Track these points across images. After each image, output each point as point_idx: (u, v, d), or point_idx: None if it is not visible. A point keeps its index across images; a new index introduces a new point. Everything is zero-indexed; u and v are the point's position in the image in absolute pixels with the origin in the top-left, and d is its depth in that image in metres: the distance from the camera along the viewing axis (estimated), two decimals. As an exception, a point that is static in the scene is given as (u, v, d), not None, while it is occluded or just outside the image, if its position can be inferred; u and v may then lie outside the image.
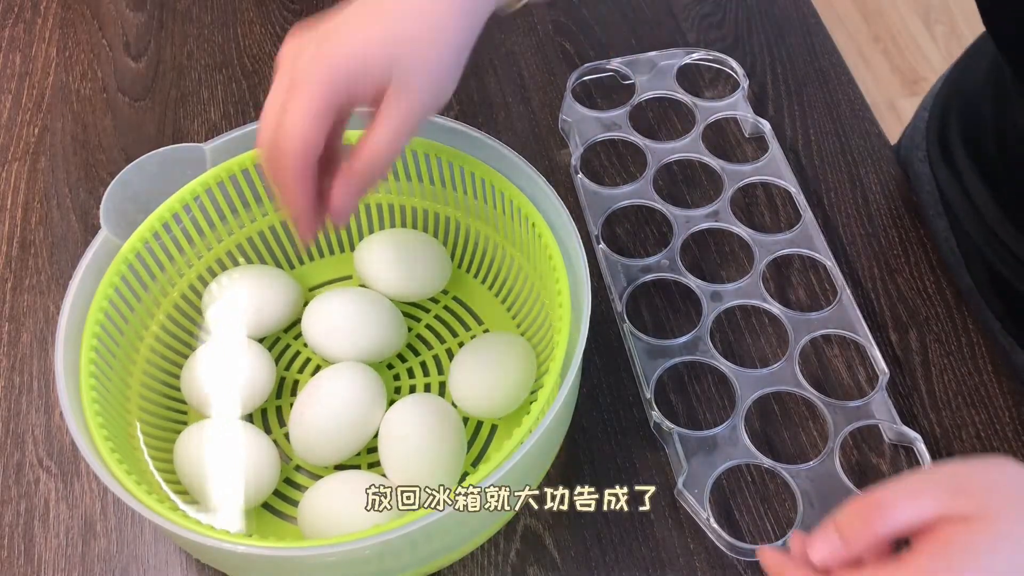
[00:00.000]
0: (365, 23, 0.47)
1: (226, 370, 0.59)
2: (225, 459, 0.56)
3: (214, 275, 0.64)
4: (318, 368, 0.63)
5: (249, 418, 0.61)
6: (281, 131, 0.46)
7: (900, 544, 0.40)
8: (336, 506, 0.54)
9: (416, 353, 0.64)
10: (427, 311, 0.66)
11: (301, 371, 0.63)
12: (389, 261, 0.64)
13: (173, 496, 0.55)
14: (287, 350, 0.64)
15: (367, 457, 0.59)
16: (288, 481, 0.59)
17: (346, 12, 0.47)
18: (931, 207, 0.72)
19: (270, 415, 0.62)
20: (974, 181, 0.64)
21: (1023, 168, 0.58)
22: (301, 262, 0.68)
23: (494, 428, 0.61)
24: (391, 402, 0.61)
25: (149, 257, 0.59)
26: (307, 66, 0.46)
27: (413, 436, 0.56)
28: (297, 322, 0.64)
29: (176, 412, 0.61)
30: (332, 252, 0.68)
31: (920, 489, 0.40)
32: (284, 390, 0.63)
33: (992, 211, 0.63)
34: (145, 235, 0.57)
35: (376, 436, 0.58)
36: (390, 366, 0.63)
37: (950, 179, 0.68)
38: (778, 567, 0.43)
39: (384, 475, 0.57)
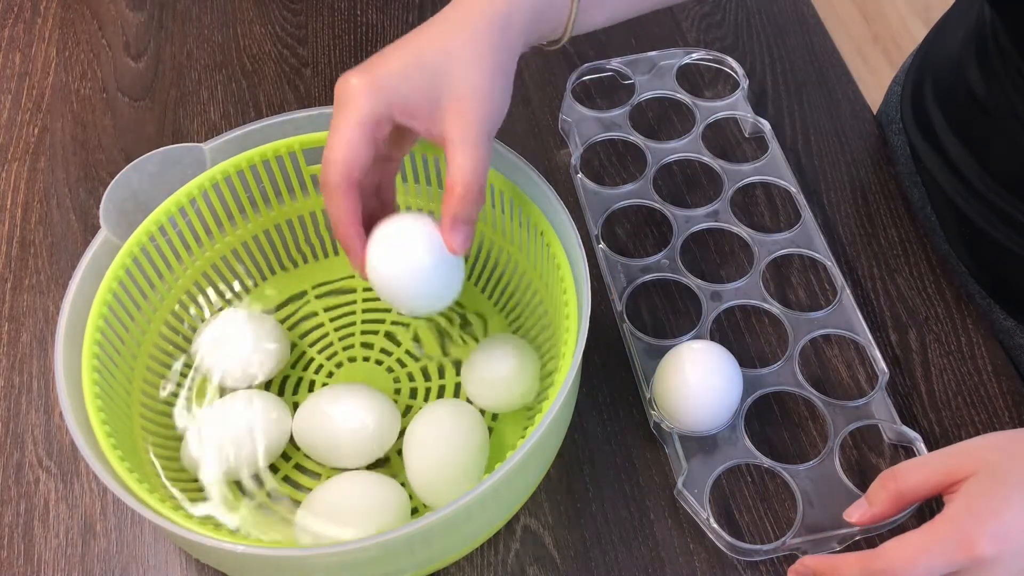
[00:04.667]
0: (400, 52, 0.50)
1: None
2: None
3: (217, 271, 0.64)
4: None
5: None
6: (326, 150, 0.49)
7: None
8: (341, 507, 0.54)
9: (416, 358, 0.64)
10: (428, 312, 0.66)
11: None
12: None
13: (177, 495, 0.55)
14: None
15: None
16: (287, 480, 0.59)
17: (384, 49, 0.51)
18: (906, 178, 0.74)
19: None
20: (951, 140, 0.67)
21: (1004, 121, 0.61)
22: (305, 260, 0.68)
23: (491, 430, 0.61)
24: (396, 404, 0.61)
25: (149, 257, 0.59)
26: (347, 86, 0.49)
27: (437, 445, 0.56)
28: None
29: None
30: (336, 252, 0.68)
31: (927, 457, 0.51)
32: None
33: (970, 166, 0.65)
34: (145, 235, 0.57)
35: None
36: (390, 370, 0.63)
37: (925, 143, 0.70)
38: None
39: (394, 476, 0.57)
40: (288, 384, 0.63)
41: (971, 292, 0.69)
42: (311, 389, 0.63)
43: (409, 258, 0.51)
